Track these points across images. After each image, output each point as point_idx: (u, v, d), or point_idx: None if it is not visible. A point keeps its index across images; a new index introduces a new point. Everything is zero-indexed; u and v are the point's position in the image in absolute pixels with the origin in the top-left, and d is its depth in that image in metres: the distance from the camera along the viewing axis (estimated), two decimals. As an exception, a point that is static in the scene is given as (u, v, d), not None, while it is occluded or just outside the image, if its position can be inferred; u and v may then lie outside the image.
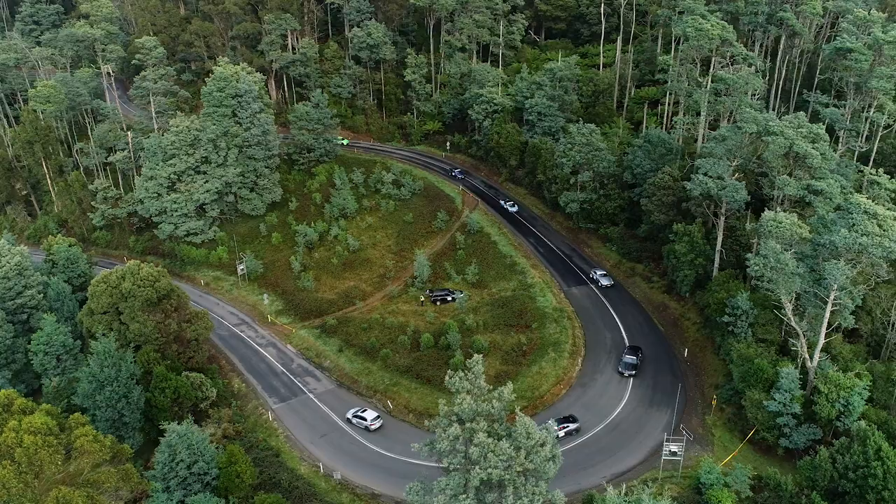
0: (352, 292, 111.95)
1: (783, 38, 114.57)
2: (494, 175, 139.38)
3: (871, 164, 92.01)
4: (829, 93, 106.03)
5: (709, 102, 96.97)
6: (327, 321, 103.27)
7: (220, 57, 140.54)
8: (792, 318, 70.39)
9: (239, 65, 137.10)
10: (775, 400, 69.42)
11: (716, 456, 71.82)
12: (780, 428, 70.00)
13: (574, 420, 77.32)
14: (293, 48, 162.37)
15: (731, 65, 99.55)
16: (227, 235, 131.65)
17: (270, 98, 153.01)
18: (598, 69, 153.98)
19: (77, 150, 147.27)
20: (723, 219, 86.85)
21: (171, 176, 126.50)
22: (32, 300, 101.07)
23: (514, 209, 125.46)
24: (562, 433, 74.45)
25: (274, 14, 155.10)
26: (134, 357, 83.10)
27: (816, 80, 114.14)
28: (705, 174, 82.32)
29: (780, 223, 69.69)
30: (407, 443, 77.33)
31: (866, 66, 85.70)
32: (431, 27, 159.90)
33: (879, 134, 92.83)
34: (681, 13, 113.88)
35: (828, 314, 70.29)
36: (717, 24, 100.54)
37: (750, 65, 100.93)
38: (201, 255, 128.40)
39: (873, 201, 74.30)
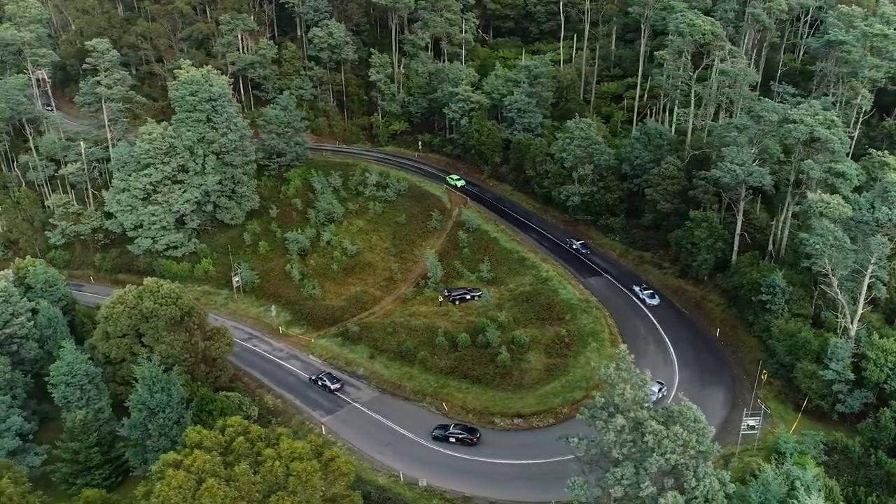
0: (361, 297, 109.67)
1: (749, 32, 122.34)
2: (476, 173, 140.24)
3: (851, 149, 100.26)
4: (793, 84, 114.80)
5: (710, 94, 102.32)
6: (349, 328, 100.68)
7: (182, 60, 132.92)
8: (839, 292, 75.93)
9: (203, 67, 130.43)
10: (830, 369, 74.70)
11: (777, 427, 76.27)
12: (835, 395, 75.34)
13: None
14: (245, 50, 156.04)
15: (721, 60, 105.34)
16: (209, 247, 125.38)
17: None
18: (554, 66, 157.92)
19: (21, 164, 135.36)
20: (742, 204, 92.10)
21: (147, 187, 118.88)
22: (22, 328, 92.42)
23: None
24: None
25: (230, 14, 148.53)
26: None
27: (780, 72, 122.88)
28: (731, 161, 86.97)
29: (828, 204, 75.00)
30: (477, 445, 77.51)
31: (858, 57, 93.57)
32: (395, 27, 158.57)
33: (861, 120, 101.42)
34: (661, 10, 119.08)
35: (865, 286, 76.46)
36: (707, 20, 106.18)
37: (735, 58, 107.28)
38: (184, 269, 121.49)
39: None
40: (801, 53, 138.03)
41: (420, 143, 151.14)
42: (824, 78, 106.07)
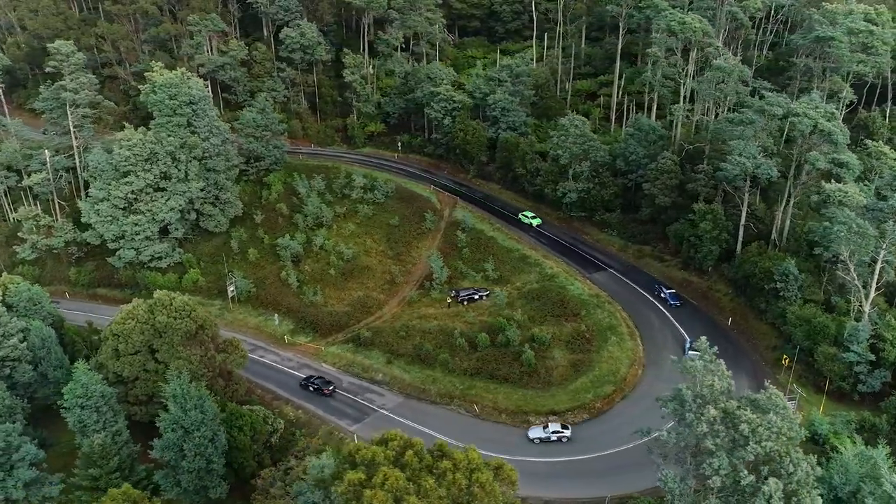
0: (365, 302, 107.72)
1: (725, 30, 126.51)
2: (460, 173, 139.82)
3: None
4: (765, 79, 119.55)
5: (707, 90, 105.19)
6: (361, 334, 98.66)
7: (152, 62, 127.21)
8: (856, 277, 79.38)
9: (177, 69, 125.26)
10: (852, 351, 78.01)
11: (802, 409, 79.03)
12: (856, 375, 78.73)
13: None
14: (212, 51, 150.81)
15: (714, 57, 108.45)
16: (195, 256, 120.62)
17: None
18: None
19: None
20: (746, 196, 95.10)
21: (129, 195, 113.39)
22: (15, 350, 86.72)
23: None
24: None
25: (198, 14, 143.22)
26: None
27: (753, 68, 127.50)
28: (740, 155, 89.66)
29: (846, 193, 78.23)
30: (514, 444, 77.25)
31: (846, 51, 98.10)
32: (365, 27, 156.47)
33: (842, 113, 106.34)
34: (641, 9, 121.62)
35: (877, 270, 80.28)
36: (695, 17, 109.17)
37: (716, 56, 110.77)
38: (171, 280, 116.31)
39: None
40: (766, 49, 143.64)
41: (399, 144, 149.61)
42: (808, 72, 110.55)
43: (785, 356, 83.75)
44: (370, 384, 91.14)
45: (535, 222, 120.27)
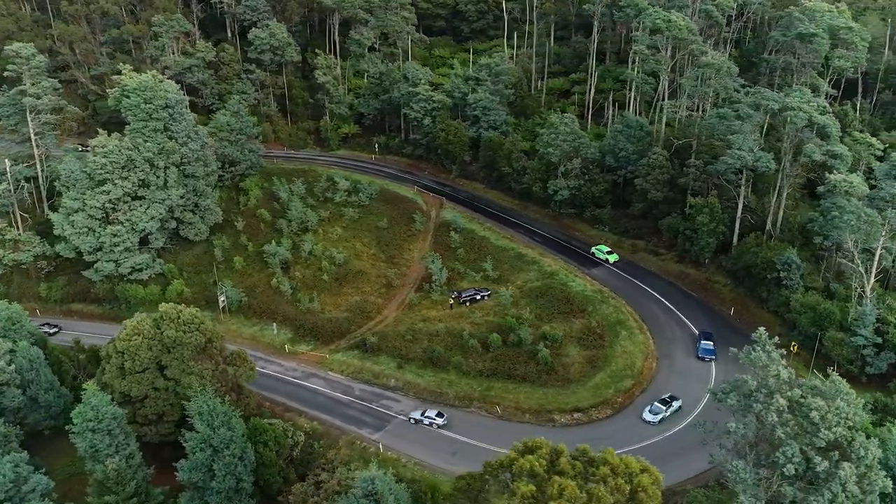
0: (363, 307, 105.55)
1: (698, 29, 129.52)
2: (442, 173, 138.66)
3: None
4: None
5: (694, 86, 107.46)
6: (367, 339, 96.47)
7: (122, 65, 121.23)
8: (860, 264, 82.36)
9: (147, 72, 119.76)
10: (859, 335, 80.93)
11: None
12: (864, 358, 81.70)
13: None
14: (174, 53, 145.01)
15: (702, 54, 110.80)
16: (177, 267, 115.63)
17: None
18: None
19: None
20: (743, 188, 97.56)
21: (106, 205, 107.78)
22: (3, 374, 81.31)
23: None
24: None
25: (163, 15, 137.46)
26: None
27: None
28: (739, 148, 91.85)
29: (851, 183, 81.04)
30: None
31: (826, 48, 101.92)
32: (336, 27, 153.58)
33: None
34: (622, 8, 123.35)
35: (877, 257, 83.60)
36: (679, 15, 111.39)
37: (704, 53, 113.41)
38: (153, 293, 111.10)
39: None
40: (731, 47, 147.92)
41: (376, 146, 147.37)
42: (775, 69, 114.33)
43: (794, 343, 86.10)
44: (383, 390, 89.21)
45: (612, 258, 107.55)
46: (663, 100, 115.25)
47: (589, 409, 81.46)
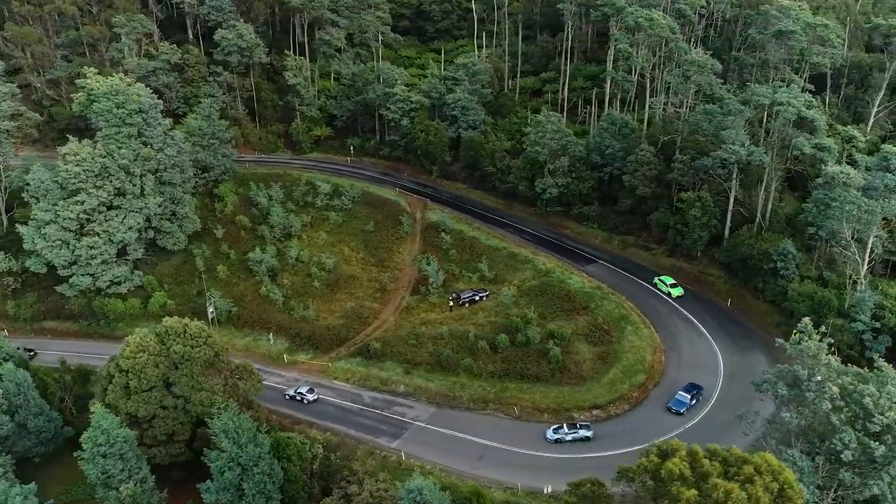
0: (359, 312, 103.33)
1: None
2: (422, 174, 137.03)
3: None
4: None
5: (679, 83, 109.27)
6: (370, 345, 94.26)
7: (86, 68, 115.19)
8: (857, 251, 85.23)
9: (115, 75, 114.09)
10: (859, 321, 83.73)
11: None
12: (863, 343, 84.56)
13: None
14: (135, 55, 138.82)
15: (684, 53, 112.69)
16: (156, 278, 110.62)
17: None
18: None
19: None
20: (735, 182, 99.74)
21: (81, 216, 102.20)
22: (-10, 400, 75.84)
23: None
24: None
25: (125, 16, 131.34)
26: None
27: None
28: (732, 143, 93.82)
29: (849, 175, 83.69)
30: (567, 444, 76.64)
31: (804, 44, 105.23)
32: (304, 28, 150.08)
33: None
34: (600, 6, 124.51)
35: (870, 244, 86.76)
36: (660, 14, 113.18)
37: (688, 51, 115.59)
38: (134, 307, 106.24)
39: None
40: (698, 45, 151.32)
41: (351, 148, 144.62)
42: (762, 65, 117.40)
43: (795, 331, 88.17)
44: (393, 397, 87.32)
45: (676, 292, 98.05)
46: (651, 97, 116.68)
47: (607, 405, 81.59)
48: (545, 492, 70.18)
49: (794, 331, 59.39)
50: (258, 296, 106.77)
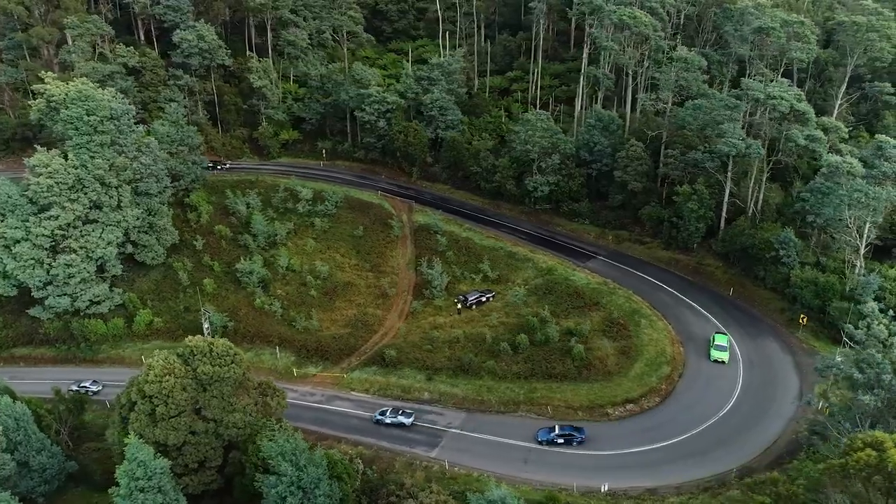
0: (364, 320, 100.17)
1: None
2: (401, 176, 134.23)
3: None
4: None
5: (666, 80, 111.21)
6: (385, 353, 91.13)
7: (46, 73, 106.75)
8: (858, 237, 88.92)
9: (76, 80, 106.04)
10: (864, 303, 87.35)
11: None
12: (868, 325, 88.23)
13: None
14: (94, 58, 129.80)
15: (672, 49, 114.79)
16: (138, 296, 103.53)
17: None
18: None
19: None
20: (730, 174, 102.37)
21: (55, 232, 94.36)
22: (-10, 438, 68.58)
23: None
24: None
25: (78, 16, 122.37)
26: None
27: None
28: (731, 136, 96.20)
29: (851, 164, 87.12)
30: (605, 440, 76.25)
31: (784, 40, 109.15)
32: (268, 29, 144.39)
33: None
34: (577, 5, 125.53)
35: (867, 230, 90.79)
36: (642, 13, 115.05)
37: (674, 48, 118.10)
38: (117, 327, 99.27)
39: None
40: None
41: (323, 152, 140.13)
42: (750, 62, 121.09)
43: (802, 315, 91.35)
44: (419, 405, 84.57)
45: (723, 357, 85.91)
46: (633, 94, 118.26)
47: (639, 399, 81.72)
48: (601, 490, 69.35)
49: (861, 316, 60.81)
50: (252, 308, 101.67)
